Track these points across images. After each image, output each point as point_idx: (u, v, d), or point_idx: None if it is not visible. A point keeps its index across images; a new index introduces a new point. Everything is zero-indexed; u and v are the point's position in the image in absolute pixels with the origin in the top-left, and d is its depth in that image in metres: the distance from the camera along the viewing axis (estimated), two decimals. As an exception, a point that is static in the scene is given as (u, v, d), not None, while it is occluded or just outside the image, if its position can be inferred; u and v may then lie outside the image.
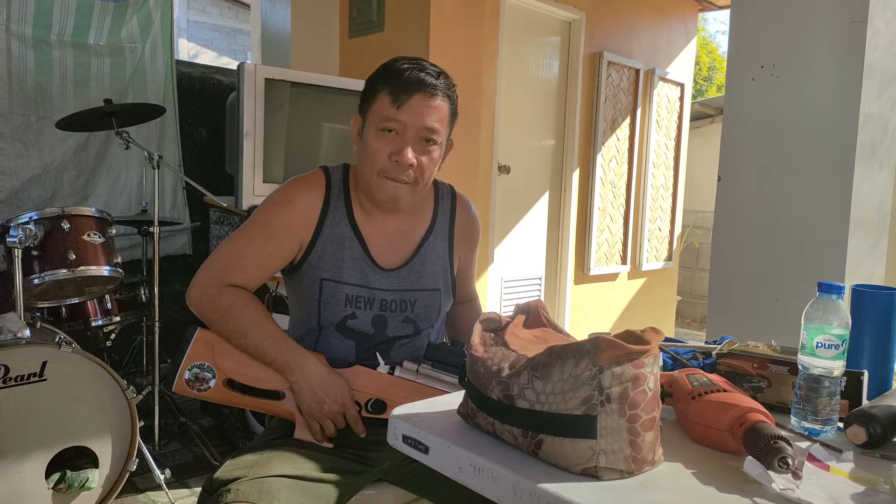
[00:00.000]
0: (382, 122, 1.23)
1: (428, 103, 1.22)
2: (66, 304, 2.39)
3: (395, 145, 1.23)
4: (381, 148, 1.23)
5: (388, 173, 1.25)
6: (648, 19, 4.38)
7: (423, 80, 1.22)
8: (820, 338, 0.91)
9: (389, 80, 1.23)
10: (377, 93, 1.24)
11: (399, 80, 1.21)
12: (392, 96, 1.21)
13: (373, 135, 1.25)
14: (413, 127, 1.22)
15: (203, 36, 9.44)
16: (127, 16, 3.17)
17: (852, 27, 1.80)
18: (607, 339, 0.74)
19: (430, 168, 1.28)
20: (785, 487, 0.72)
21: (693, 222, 6.19)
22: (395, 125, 1.22)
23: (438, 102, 1.24)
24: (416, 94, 1.21)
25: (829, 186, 1.85)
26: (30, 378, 1.76)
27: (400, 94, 1.21)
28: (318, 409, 1.20)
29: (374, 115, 1.25)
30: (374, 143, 1.24)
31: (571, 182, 3.98)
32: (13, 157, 2.91)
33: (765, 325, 1.91)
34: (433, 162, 1.27)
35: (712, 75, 12.88)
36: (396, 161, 1.23)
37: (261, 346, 1.22)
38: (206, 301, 1.25)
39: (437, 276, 1.37)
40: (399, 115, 1.22)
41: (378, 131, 1.24)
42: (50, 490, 1.79)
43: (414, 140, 1.23)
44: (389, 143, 1.23)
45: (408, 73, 1.22)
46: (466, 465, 0.80)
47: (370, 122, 1.26)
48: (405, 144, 1.23)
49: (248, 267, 1.27)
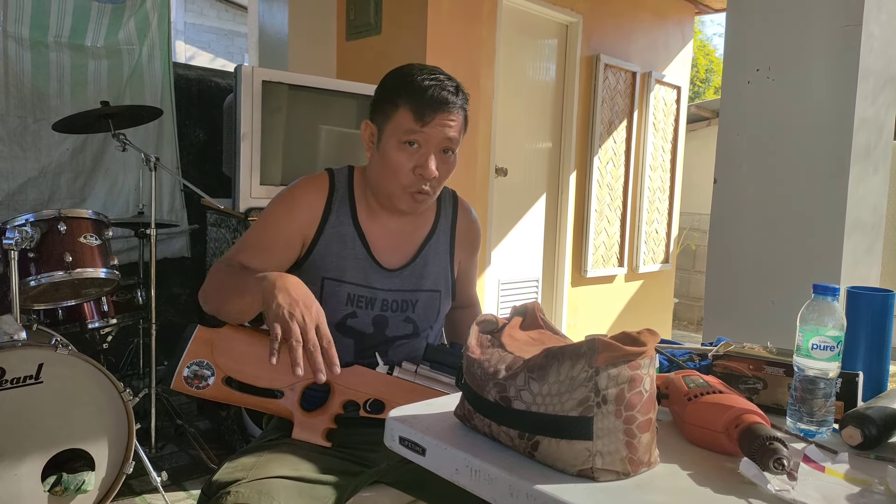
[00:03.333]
0: (406, 135, 1.25)
1: (449, 118, 1.25)
2: (62, 307, 2.38)
3: (418, 158, 1.26)
4: (405, 161, 1.26)
5: (412, 187, 1.27)
6: (645, 22, 4.40)
7: (446, 99, 1.24)
8: (815, 339, 0.91)
9: (413, 96, 1.24)
10: (398, 105, 1.25)
11: (423, 97, 1.23)
12: (416, 113, 1.23)
13: (394, 146, 1.26)
14: (435, 140, 1.25)
15: (200, 38, 9.44)
16: (124, 18, 3.16)
17: (847, 31, 1.81)
18: (603, 341, 0.75)
19: (447, 177, 1.32)
20: (780, 488, 0.73)
21: (690, 225, 6.20)
22: (418, 139, 1.25)
23: (456, 116, 1.27)
24: (439, 112, 1.24)
25: (824, 189, 1.86)
26: (26, 380, 1.76)
27: (425, 112, 1.23)
28: (288, 308, 1.05)
29: (395, 128, 1.26)
30: (396, 156, 1.26)
31: (568, 184, 3.99)
32: (10, 160, 2.89)
33: (761, 327, 1.92)
34: (450, 171, 1.31)
35: (710, 78, 12.92)
36: (421, 174, 1.26)
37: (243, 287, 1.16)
38: (212, 272, 1.26)
39: (438, 278, 1.39)
40: (423, 129, 1.24)
41: (400, 143, 1.26)
42: (46, 493, 1.79)
43: (435, 151, 1.26)
44: (413, 157, 1.26)
45: (431, 91, 1.24)
46: (463, 467, 0.80)
47: (391, 133, 1.27)
48: (428, 157, 1.25)
49: (251, 253, 1.28)
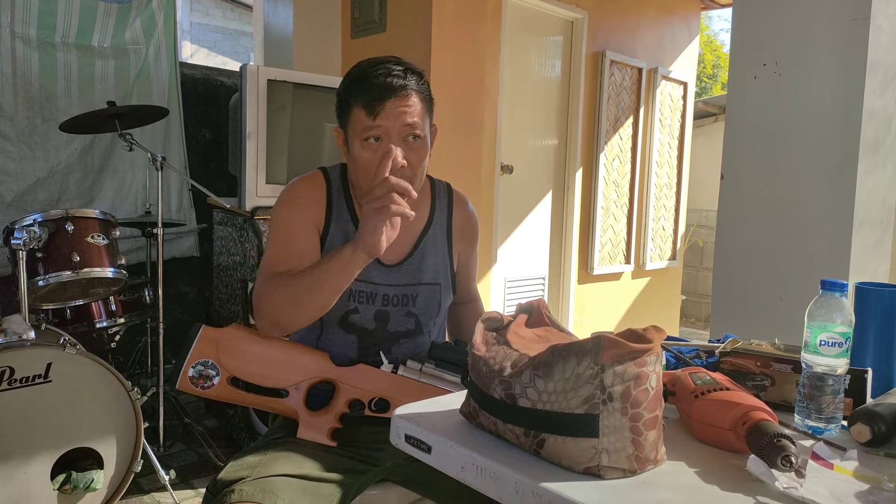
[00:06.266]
0: (364, 132, 1.24)
1: (402, 104, 1.23)
2: (70, 306, 2.40)
3: (382, 151, 1.23)
4: (371, 157, 1.24)
5: None
6: (651, 18, 4.38)
7: (391, 84, 1.22)
8: (823, 336, 0.90)
9: (361, 92, 1.24)
10: (351, 105, 1.25)
11: (370, 90, 1.22)
12: (367, 108, 1.23)
13: (358, 146, 1.26)
14: (394, 129, 1.24)
15: (206, 38, 9.47)
16: (130, 18, 3.17)
17: (854, 24, 1.79)
18: (609, 338, 0.74)
19: (421, 163, 1.29)
20: (788, 486, 0.72)
21: (697, 221, 6.17)
22: (376, 132, 1.24)
23: (412, 100, 1.25)
24: (388, 100, 1.22)
25: (832, 184, 1.85)
26: (35, 380, 1.77)
27: (373, 104, 1.22)
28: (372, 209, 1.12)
29: (354, 128, 1.26)
30: (362, 154, 1.26)
31: (574, 181, 3.97)
32: (19, 160, 2.91)
33: (769, 324, 1.91)
34: (422, 157, 1.28)
35: (717, 74, 12.87)
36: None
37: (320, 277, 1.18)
38: (261, 298, 1.23)
39: (437, 271, 1.39)
40: (377, 122, 1.23)
41: (363, 142, 1.25)
42: (55, 491, 1.80)
43: (398, 141, 1.24)
44: (377, 152, 1.24)
45: (377, 80, 1.22)
46: (469, 465, 0.80)
47: (352, 134, 1.27)
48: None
49: (285, 264, 1.27)
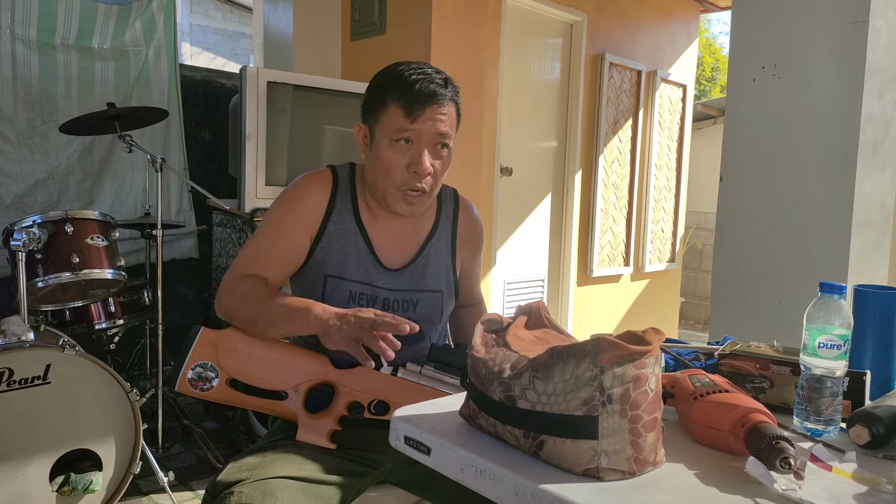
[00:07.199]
0: (397, 133, 1.24)
1: (439, 112, 1.24)
2: (69, 308, 2.40)
3: (411, 155, 1.25)
4: (398, 159, 1.25)
5: (407, 185, 1.26)
6: (650, 21, 4.38)
7: (434, 91, 1.23)
8: (822, 338, 0.90)
9: (400, 92, 1.23)
10: (387, 104, 1.25)
11: (411, 92, 1.22)
12: (405, 109, 1.22)
13: (386, 145, 1.25)
14: (427, 135, 1.24)
15: (206, 40, 9.47)
16: (130, 19, 3.18)
17: (853, 27, 1.80)
18: (608, 340, 0.74)
19: (444, 172, 1.30)
20: (787, 488, 0.72)
21: (696, 223, 6.18)
22: (409, 135, 1.24)
23: (448, 109, 1.26)
24: (428, 105, 1.23)
25: (831, 186, 1.85)
26: (34, 381, 1.77)
27: (414, 107, 1.22)
28: (345, 323, 1.13)
29: (385, 127, 1.25)
30: (389, 154, 1.25)
31: (574, 183, 3.98)
32: (19, 161, 2.91)
33: (767, 326, 1.91)
34: (446, 166, 1.30)
35: (716, 76, 12.88)
36: (415, 171, 1.25)
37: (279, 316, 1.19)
38: (225, 294, 1.26)
39: (439, 278, 1.38)
40: (413, 125, 1.23)
41: (392, 142, 1.25)
42: (54, 493, 1.80)
43: (428, 147, 1.25)
44: (405, 154, 1.25)
45: (418, 85, 1.23)
46: (468, 466, 0.80)
47: (382, 132, 1.26)
48: (421, 153, 1.24)
49: (264, 263, 1.29)
